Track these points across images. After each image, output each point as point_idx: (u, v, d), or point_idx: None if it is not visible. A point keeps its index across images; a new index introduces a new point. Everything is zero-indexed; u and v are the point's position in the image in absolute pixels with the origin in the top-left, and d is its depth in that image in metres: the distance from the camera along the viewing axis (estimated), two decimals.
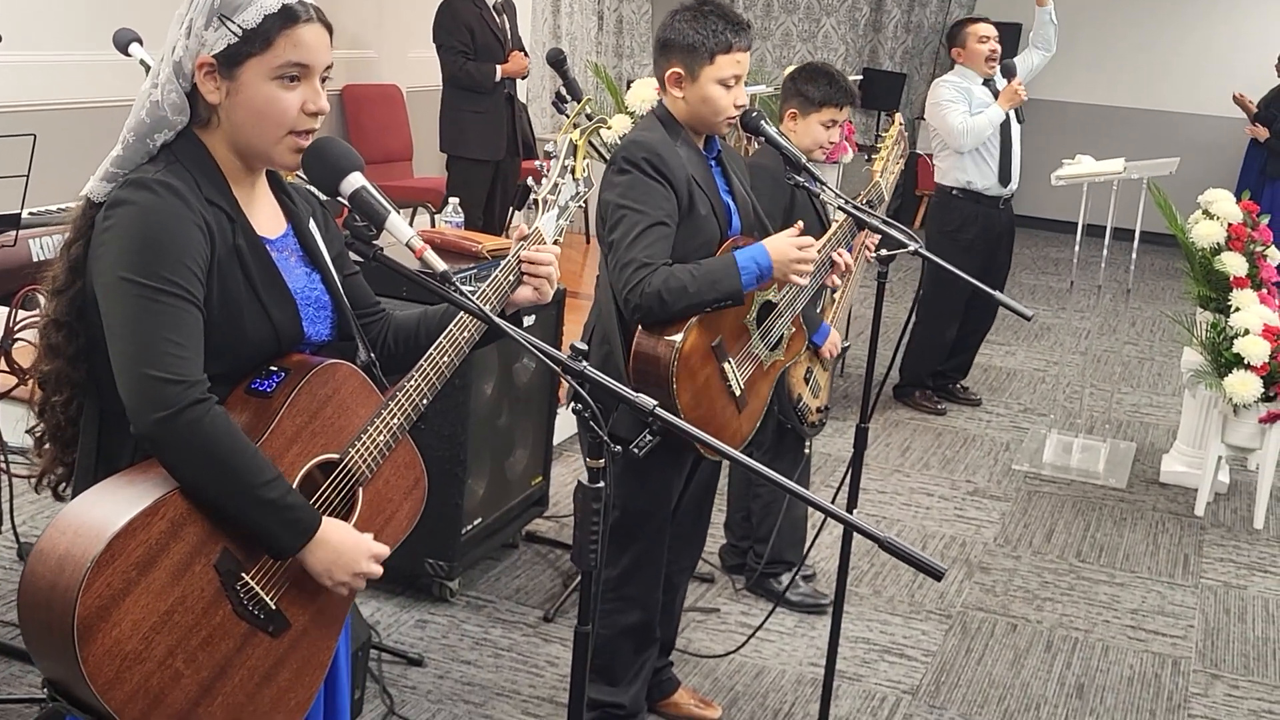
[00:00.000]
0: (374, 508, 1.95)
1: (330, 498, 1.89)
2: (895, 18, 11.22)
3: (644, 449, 1.85)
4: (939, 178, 6.00)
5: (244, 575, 1.78)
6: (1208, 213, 5.28)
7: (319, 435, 1.87)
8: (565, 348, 1.97)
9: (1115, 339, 7.70)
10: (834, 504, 1.84)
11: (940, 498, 5.14)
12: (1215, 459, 5.08)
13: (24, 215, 3.75)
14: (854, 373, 6.51)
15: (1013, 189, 5.95)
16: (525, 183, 2.34)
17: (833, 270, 3.18)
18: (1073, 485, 5.36)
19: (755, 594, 4.15)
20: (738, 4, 10.91)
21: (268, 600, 1.81)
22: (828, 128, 3.79)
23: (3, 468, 3.56)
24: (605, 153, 5.13)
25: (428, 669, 3.57)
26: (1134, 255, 5.69)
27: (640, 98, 5.15)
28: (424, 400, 1.96)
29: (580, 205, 2.29)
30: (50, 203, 3.96)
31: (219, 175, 1.86)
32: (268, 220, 1.94)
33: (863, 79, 9.83)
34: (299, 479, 1.84)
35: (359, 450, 1.90)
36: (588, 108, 2.84)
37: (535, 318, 3.97)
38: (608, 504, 1.85)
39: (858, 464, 3.24)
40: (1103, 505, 5.16)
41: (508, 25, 7.01)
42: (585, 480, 1.82)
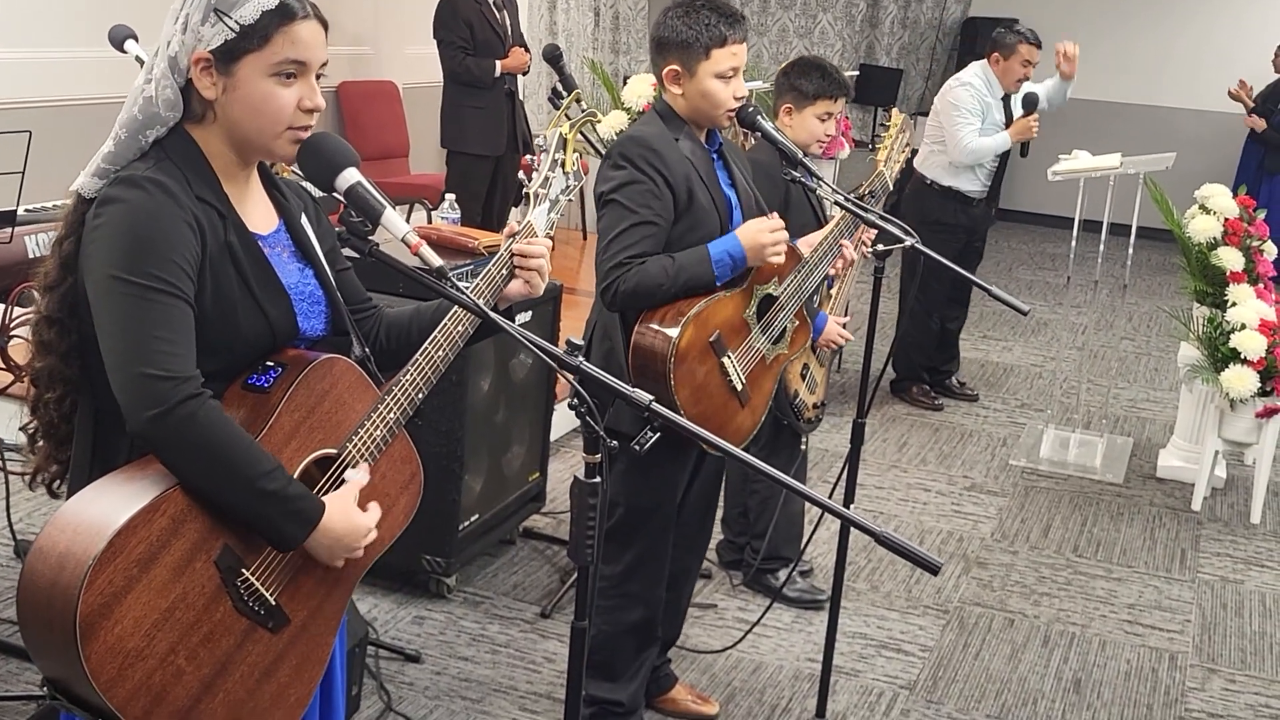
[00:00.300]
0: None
1: (327, 492, 1.89)
2: (892, 13, 11.22)
3: (646, 445, 1.85)
4: (921, 167, 5.97)
5: (244, 571, 1.78)
6: (1204, 208, 5.29)
7: (316, 430, 1.87)
8: (562, 344, 1.97)
9: (1112, 334, 7.71)
10: (831, 499, 1.84)
11: (937, 493, 5.14)
12: (1212, 454, 5.08)
13: (20, 212, 3.76)
14: (851, 368, 6.51)
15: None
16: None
17: (837, 257, 3.19)
18: (1070, 480, 5.36)
19: (752, 589, 4.15)
20: (735, 0, 10.89)
21: (268, 596, 1.81)
22: (823, 120, 3.78)
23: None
24: (601, 148, 5.12)
25: (425, 665, 3.57)
26: (1130, 250, 5.69)
27: (636, 94, 5.15)
28: (420, 394, 1.97)
29: (570, 199, 2.29)
30: (46, 199, 3.97)
31: (210, 172, 1.85)
32: (260, 216, 1.94)
33: (859, 75, 9.83)
34: (297, 474, 1.83)
35: (356, 445, 1.90)
36: (579, 100, 2.84)
37: (531, 314, 3.97)
38: (604, 499, 1.85)
39: (855, 459, 3.25)
40: (1100, 500, 5.16)
41: (508, 20, 6.98)
42: (582, 475, 1.82)
